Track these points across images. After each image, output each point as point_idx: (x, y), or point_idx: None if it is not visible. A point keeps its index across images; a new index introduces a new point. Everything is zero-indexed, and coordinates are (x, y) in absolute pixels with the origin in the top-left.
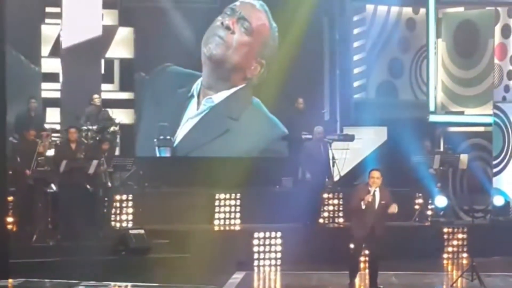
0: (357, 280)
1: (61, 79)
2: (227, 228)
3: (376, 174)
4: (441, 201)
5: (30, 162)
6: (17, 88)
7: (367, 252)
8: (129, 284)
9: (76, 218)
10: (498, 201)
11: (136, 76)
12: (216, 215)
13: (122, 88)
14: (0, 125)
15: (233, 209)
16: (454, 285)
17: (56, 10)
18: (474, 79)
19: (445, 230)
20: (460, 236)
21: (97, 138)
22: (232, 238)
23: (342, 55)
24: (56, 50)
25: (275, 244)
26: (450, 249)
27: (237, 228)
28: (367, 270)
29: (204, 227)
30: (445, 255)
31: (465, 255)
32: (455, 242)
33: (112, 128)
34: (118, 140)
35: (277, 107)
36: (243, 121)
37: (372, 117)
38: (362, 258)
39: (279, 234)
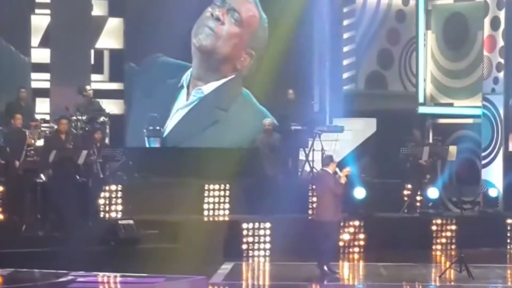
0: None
1: (50, 69)
2: (216, 219)
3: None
4: (433, 192)
5: (19, 152)
6: (6, 78)
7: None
8: (118, 274)
9: (66, 208)
10: (492, 192)
11: (126, 67)
12: (206, 206)
13: (112, 79)
14: None
15: (222, 200)
16: (443, 276)
17: (45, 0)
18: (464, 71)
19: (434, 221)
20: (449, 227)
21: (87, 129)
22: (221, 229)
23: (332, 47)
24: (45, 40)
25: (264, 235)
26: (439, 240)
27: (226, 219)
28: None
29: (194, 217)
30: (433, 247)
31: (453, 246)
32: (444, 234)
33: (101, 119)
34: (107, 130)
35: (267, 98)
36: (232, 112)
37: (361, 108)
38: (357, 249)
39: (268, 225)
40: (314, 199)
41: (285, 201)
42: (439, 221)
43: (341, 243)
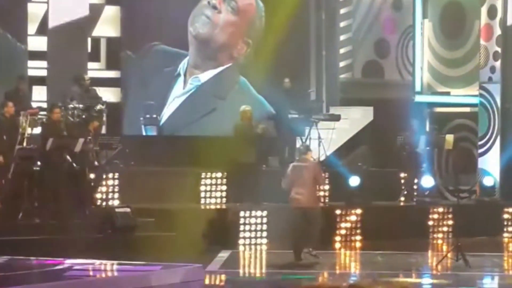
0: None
1: (47, 57)
2: (213, 207)
3: None
4: (427, 181)
5: (13, 140)
6: (3, 66)
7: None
8: (115, 262)
9: (62, 196)
10: (488, 181)
11: (123, 55)
12: (202, 194)
13: (109, 67)
14: None
15: (219, 188)
16: (439, 264)
17: None
18: (460, 59)
19: (431, 210)
20: (445, 216)
21: (83, 117)
22: (218, 217)
23: (328, 35)
24: (42, 28)
25: (261, 223)
26: (435, 229)
27: (223, 207)
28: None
29: (190, 205)
30: (430, 235)
31: (450, 235)
32: (440, 222)
33: (98, 107)
34: (104, 118)
35: (264, 87)
36: (229, 100)
37: (358, 97)
38: (354, 237)
39: (265, 213)
40: None
41: (282, 189)
42: (435, 210)
43: (338, 232)
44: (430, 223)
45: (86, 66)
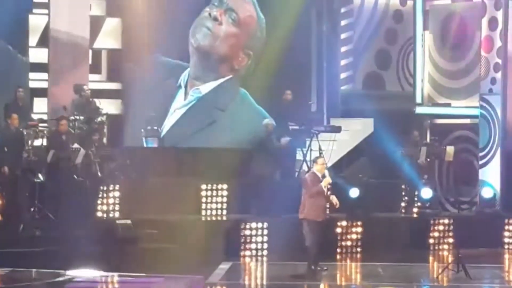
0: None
1: (48, 69)
2: (214, 218)
3: (322, 160)
4: (426, 192)
5: (17, 153)
6: (4, 78)
7: (347, 243)
8: (116, 273)
9: (63, 208)
10: (486, 193)
11: (124, 67)
12: (203, 206)
13: (110, 79)
14: None
15: (219, 200)
16: (440, 276)
17: (43, 0)
18: (461, 71)
19: (431, 221)
20: (446, 227)
21: (85, 129)
22: (219, 229)
23: (329, 47)
24: (44, 40)
25: (262, 235)
26: (436, 240)
27: (224, 219)
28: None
29: (191, 217)
30: (431, 246)
31: (450, 246)
32: (440, 233)
33: (99, 119)
34: (105, 130)
35: (264, 99)
36: (230, 112)
37: (359, 108)
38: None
39: (265, 225)
40: None
41: (283, 201)
42: (436, 221)
43: (339, 243)
44: (431, 234)
45: (87, 78)
